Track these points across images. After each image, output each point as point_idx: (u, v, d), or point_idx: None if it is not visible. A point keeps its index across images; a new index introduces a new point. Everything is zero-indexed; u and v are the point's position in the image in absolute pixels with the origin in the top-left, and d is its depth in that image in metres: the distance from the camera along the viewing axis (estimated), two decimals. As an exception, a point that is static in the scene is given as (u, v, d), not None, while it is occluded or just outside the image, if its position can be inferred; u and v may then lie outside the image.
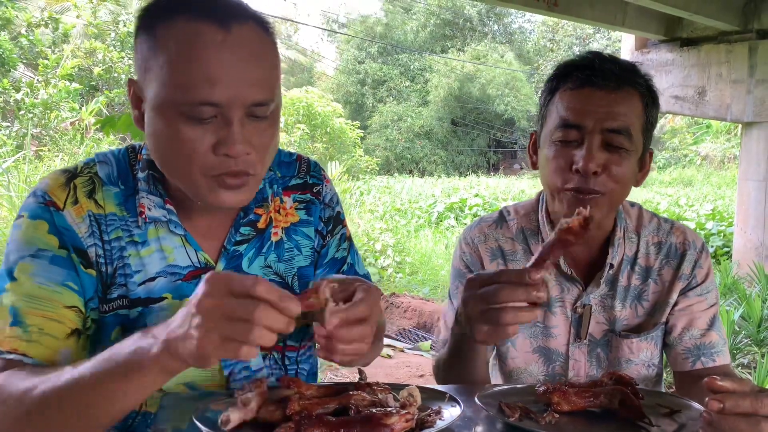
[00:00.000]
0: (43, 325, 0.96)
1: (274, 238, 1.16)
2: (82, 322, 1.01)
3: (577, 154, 1.21)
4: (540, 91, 1.34)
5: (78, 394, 0.83)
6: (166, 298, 1.06)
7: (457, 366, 1.25)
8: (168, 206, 1.06)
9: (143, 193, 1.06)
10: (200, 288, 0.78)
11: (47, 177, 1.05)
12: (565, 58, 1.37)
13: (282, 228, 1.18)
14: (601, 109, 1.20)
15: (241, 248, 1.12)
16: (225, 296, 0.76)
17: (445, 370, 1.32)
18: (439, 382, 1.38)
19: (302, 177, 1.23)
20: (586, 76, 1.22)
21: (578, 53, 1.31)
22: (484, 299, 1.01)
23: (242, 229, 1.12)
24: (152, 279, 1.06)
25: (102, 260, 1.03)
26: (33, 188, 1.04)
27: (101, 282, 1.04)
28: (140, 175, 1.07)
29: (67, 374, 0.85)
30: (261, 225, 1.15)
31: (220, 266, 1.10)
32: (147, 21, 0.97)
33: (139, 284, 1.05)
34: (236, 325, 0.75)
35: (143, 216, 1.05)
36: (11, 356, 0.94)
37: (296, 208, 1.20)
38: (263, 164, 1.00)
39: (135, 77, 1.01)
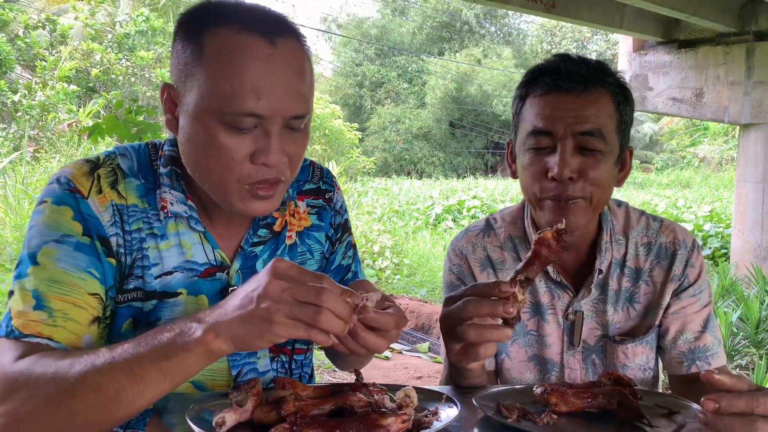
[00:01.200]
0: (67, 310, 0.95)
1: (288, 242, 1.18)
2: (102, 310, 1.02)
3: (550, 161, 1.19)
4: (512, 98, 1.32)
5: (116, 375, 0.82)
6: (181, 293, 1.07)
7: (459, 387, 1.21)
8: (189, 202, 1.07)
9: (165, 187, 1.07)
10: (266, 272, 0.81)
11: (69, 166, 1.06)
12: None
13: (296, 232, 1.19)
14: (570, 113, 1.18)
15: (257, 249, 1.13)
16: (293, 280, 0.80)
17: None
18: None
19: (315, 182, 1.25)
20: (553, 81, 1.20)
21: (548, 57, 1.28)
22: (453, 316, 1.00)
23: (260, 231, 1.14)
24: (169, 273, 1.06)
25: (122, 250, 1.04)
26: (54, 175, 1.04)
27: (120, 272, 1.04)
28: (162, 170, 1.08)
29: (104, 355, 0.84)
30: (277, 228, 1.16)
31: (236, 266, 1.10)
32: (190, 27, 0.98)
33: (156, 277, 1.05)
34: (305, 308, 0.79)
35: (165, 210, 1.06)
36: (36, 340, 0.93)
37: (309, 213, 1.22)
38: (294, 171, 1.03)
39: (171, 82, 1.01)
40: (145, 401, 0.84)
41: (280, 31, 0.96)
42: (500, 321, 1.00)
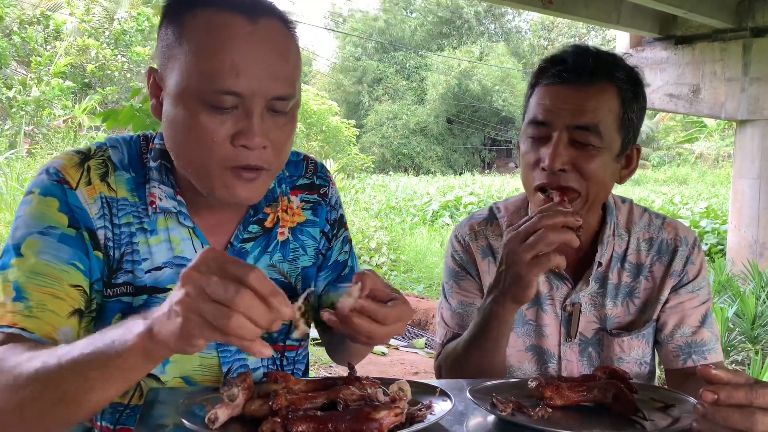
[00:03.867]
0: (46, 301, 0.94)
1: (280, 238, 1.16)
2: (85, 303, 1.00)
3: (543, 152, 1.20)
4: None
5: (64, 374, 0.80)
6: (171, 289, 1.05)
7: (484, 346, 1.22)
8: (179, 197, 1.05)
9: (154, 182, 1.05)
10: (192, 261, 0.73)
11: (59, 156, 1.04)
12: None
13: (288, 228, 1.17)
14: (569, 106, 1.18)
15: (248, 246, 1.11)
16: (212, 274, 0.71)
17: (463, 357, 1.26)
18: (446, 378, 1.34)
19: (309, 177, 1.23)
20: (559, 72, 1.20)
21: (563, 47, 1.29)
22: (526, 230, 1.10)
23: (250, 227, 1.12)
24: (159, 268, 1.05)
25: (111, 244, 1.02)
26: (44, 166, 1.02)
27: (107, 266, 1.03)
28: (152, 164, 1.06)
29: (56, 353, 0.81)
30: (268, 224, 1.14)
31: None
32: (173, 10, 0.97)
33: (147, 272, 1.04)
34: (215, 308, 0.69)
35: (154, 205, 1.04)
36: (9, 330, 0.92)
37: (303, 208, 1.20)
38: (279, 160, 1.00)
39: (155, 66, 1.00)
40: (93, 404, 0.80)
41: (262, 10, 0.94)
42: None
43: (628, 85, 1.22)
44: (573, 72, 1.19)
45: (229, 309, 0.69)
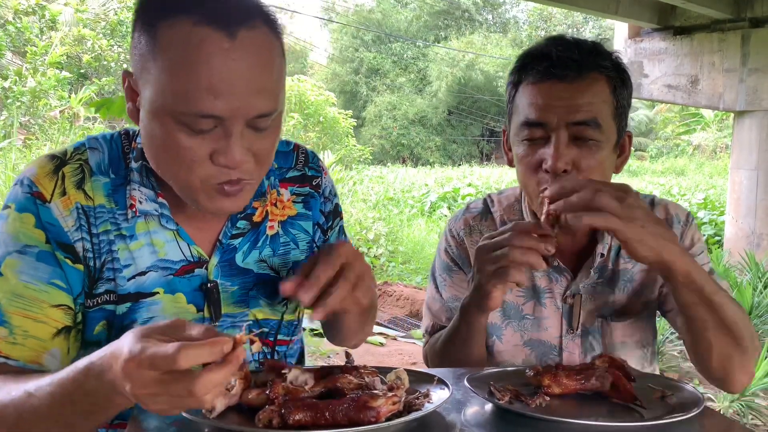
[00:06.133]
0: (27, 326, 0.93)
1: (269, 232, 1.12)
2: (71, 319, 0.98)
3: (545, 153, 1.15)
4: (506, 84, 1.28)
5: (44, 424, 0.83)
6: (157, 292, 1.03)
7: (456, 344, 1.24)
8: (160, 200, 1.02)
9: (135, 184, 1.01)
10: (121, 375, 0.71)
11: (34, 163, 1.00)
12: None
13: (278, 221, 1.14)
14: (563, 103, 1.14)
15: (236, 242, 1.08)
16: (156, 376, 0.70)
17: (441, 351, 1.30)
18: (431, 367, 1.37)
19: (300, 169, 1.19)
20: (545, 68, 1.15)
21: (540, 40, 1.24)
22: (495, 244, 1.08)
23: (239, 223, 1.08)
24: (143, 273, 1.02)
25: (90, 254, 0.99)
26: (20, 175, 0.99)
27: (88, 276, 1.00)
28: (133, 165, 1.02)
29: (31, 404, 0.83)
30: (257, 218, 1.11)
31: (215, 260, 1.06)
32: (147, 15, 0.90)
33: (129, 279, 1.01)
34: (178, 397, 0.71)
35: (134, 209, 1.01)
36: None
37: (294, 201, 1.16)
38: (261, 170, 0.97)
39: (130, 69, 0.95)
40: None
41: (242, 20, 0.87)
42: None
43: (616, 73, 1.19)
44: (560, 66, 1.14)
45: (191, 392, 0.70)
